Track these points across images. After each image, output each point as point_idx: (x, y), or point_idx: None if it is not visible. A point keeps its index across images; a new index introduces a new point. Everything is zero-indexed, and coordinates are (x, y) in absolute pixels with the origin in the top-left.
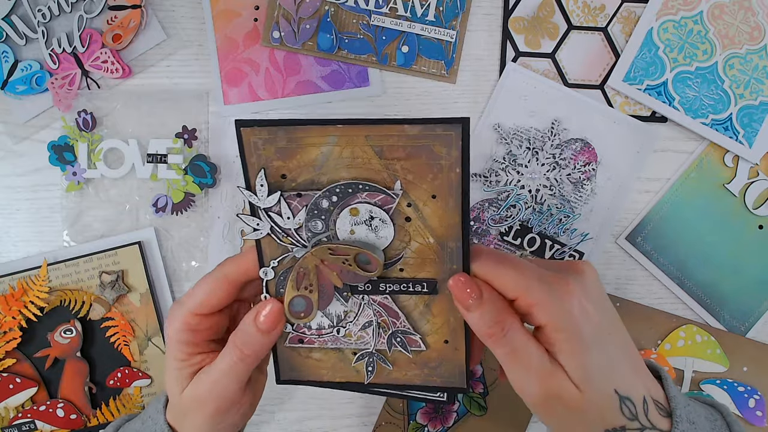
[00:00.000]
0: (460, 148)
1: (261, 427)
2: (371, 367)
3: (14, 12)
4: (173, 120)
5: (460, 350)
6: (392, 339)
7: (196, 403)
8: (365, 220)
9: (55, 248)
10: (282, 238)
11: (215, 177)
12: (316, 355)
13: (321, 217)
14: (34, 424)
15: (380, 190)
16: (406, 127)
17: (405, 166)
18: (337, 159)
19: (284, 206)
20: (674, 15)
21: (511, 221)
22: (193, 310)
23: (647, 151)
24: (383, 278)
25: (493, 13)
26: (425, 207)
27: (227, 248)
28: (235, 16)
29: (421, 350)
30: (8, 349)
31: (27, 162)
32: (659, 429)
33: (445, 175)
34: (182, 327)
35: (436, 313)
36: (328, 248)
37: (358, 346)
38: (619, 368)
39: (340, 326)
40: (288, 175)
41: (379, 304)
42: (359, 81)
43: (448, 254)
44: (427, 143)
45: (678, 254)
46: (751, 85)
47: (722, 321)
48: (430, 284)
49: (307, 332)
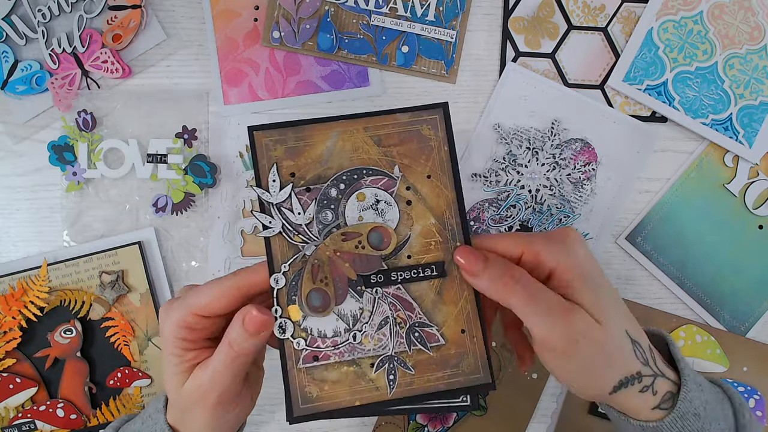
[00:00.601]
0: (445, 128)
1: (261, 427)
2: (392, 375)
3: (14, 12)
4: (173, 120)
5: (478, 338)
6: (410, 335)
7: (197, 396)
8: (372, 204)
9: (55, 248)
10: (293, 236)
11: (215, 177)
12: (332, 376)
13: (330, 207)
14: (34, 424)
15: (382, 173)
16: (398, 115)
17: (400, 152)
18: (341, 152)
19: (295, 201)
20: (674, 15)
21: (511, 221)
22: (196, 310)
23: (647, 151)
24: (393, 268)
25: (493, 13)
26: (423, 188)
27: (227, 248)
28: (235, 16)
29: (440, 344)
30: (8, 349)
31: (27, 162)
32: (669, 378)
33: (436, 154)
34: (181, 324)
35: (447, 300)
36: (341, 234)
37: (377, 351)
38: (624, 312)
39: (356, 330)
40: (297, 173)
41: (393, 296)
42: (359, 81)
43: (449, 232)
44: (417, 127)
45: (678, 254)
46: (751, 85)
47: (722, 321)
48: (439, 266)
49: (322, 345)
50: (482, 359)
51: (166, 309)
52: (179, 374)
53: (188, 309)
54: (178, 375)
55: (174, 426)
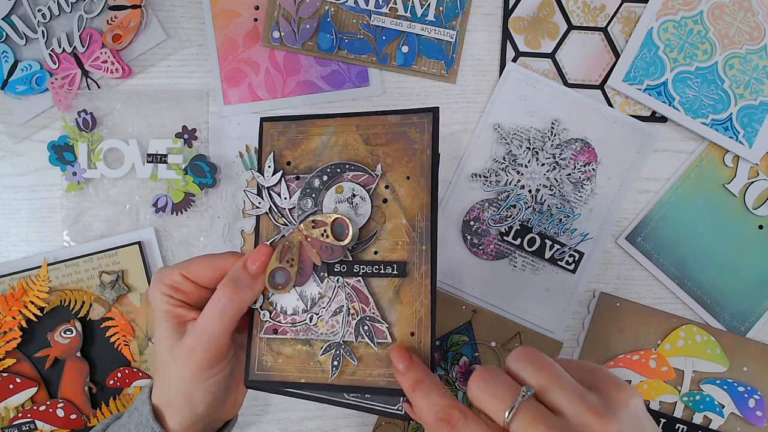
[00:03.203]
0: (431, 132)
1: (261, 427)
2: (336, 362)
3: (14, 12)
4: (173, 120)
5: (425, 344)
6: (360, 327)
7: (185, 353)
8: (348, 198)
9: (55, 248)
10: (277, 218)
11: (215, 177)
12: (286, 351)
13: (312, 195)
14: (34, 424)
15: (364, 170)
16: (389, 116)
17: (386, 151)
18: (333, 147)
19: (284, 187)
20: (674, 15)
21: (511, 221)
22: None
23: (647, 151)
24: (357, 260)
25: (493, 13)
26: (400, 188)
27: (227, 248)
28: (235, 16)
29: (386, 342)
30: (8, 349)
31: (27, 162)
32: None
33: (418, 157)
34: (168, 282)
35: (404, 300)
36: (311, 221)
37: (328, 336)
38: None
39: (312, 312)
40: (293, 162)
41: (351, 287)
42: (359, 81)
43: (418, 234)
44: (404, 129)
45: (678, 254)
46: (751, 85)
47: (722, 321)
48: (401, 266)
49: (283, 321)
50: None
51: (159, 272)
52: (170, 331)
53: (178, 269)
54: (169, 332)
55: (158, 405)
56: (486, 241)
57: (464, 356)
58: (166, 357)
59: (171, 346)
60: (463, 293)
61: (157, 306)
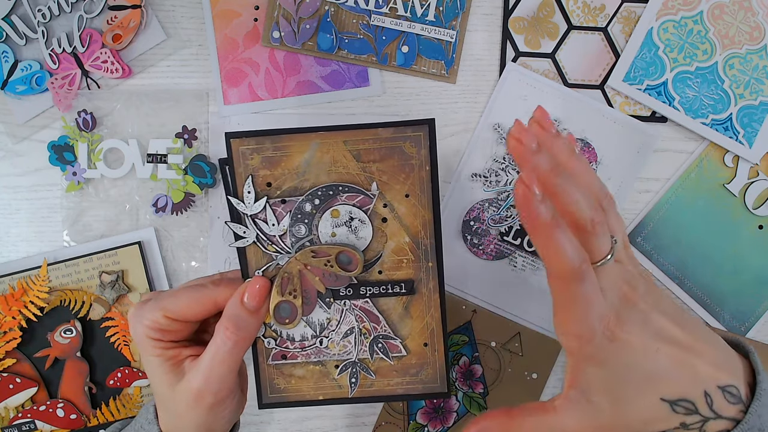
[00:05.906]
0: (428, 147)
1: (261, 427)
2: (354, 379)
3: (14, 12)
4: (173, 120)
5: (439, 352)
6: (374, 345)
7: (193, 397)
8: (345, 221)
9: (55, 248)
10: (267, 246)
11: (215, 177)
12: (299, 372)
13: (304, 221)
14: (34, 424)
15: (359, 191)
16: (380, 130)
17: (380, 168)
18: (318, 164)
19: (269, 213)
20: (674, 15)
21: (511, 221)
22: (170, 314)
23: (647, 151)
24: (363, 282)
25: (493, 13)
26: (400, 206)
27: (227, 248)
28: (235, 16)
29: (401, 355)
30: (8, 349)
31: (27, 162)
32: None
33: (416, 174)
34: (153, 326)
35: (414, 315)
36: (310, 251)
37: (341, 356)
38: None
39: (323, 336)
40: (273, 183)
41: (360, 309)
42: (359, 81)
43: (423, 251)
44: (399, 144)
45: (678, 254)
46: (751, 85)
47: (722, 321)
48: (408, 284)
49: (291, 346)
50: (441, 371)
51: (138, 311)
52: (167, 374)
53: (161, 311)
54: (166, 375)
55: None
56: (486, 241)
57: (464, 356)
58: (168, 395)
59: (172, 385)
60: (463, 293)
61: (146, 351)
